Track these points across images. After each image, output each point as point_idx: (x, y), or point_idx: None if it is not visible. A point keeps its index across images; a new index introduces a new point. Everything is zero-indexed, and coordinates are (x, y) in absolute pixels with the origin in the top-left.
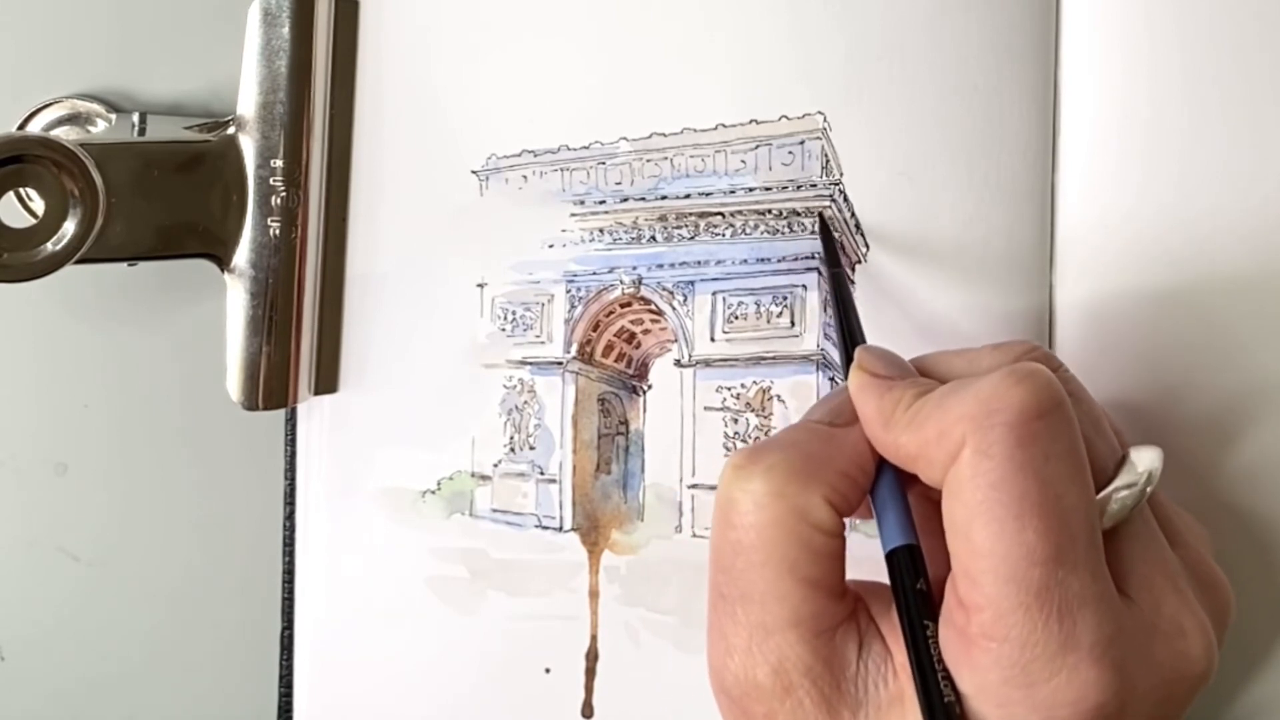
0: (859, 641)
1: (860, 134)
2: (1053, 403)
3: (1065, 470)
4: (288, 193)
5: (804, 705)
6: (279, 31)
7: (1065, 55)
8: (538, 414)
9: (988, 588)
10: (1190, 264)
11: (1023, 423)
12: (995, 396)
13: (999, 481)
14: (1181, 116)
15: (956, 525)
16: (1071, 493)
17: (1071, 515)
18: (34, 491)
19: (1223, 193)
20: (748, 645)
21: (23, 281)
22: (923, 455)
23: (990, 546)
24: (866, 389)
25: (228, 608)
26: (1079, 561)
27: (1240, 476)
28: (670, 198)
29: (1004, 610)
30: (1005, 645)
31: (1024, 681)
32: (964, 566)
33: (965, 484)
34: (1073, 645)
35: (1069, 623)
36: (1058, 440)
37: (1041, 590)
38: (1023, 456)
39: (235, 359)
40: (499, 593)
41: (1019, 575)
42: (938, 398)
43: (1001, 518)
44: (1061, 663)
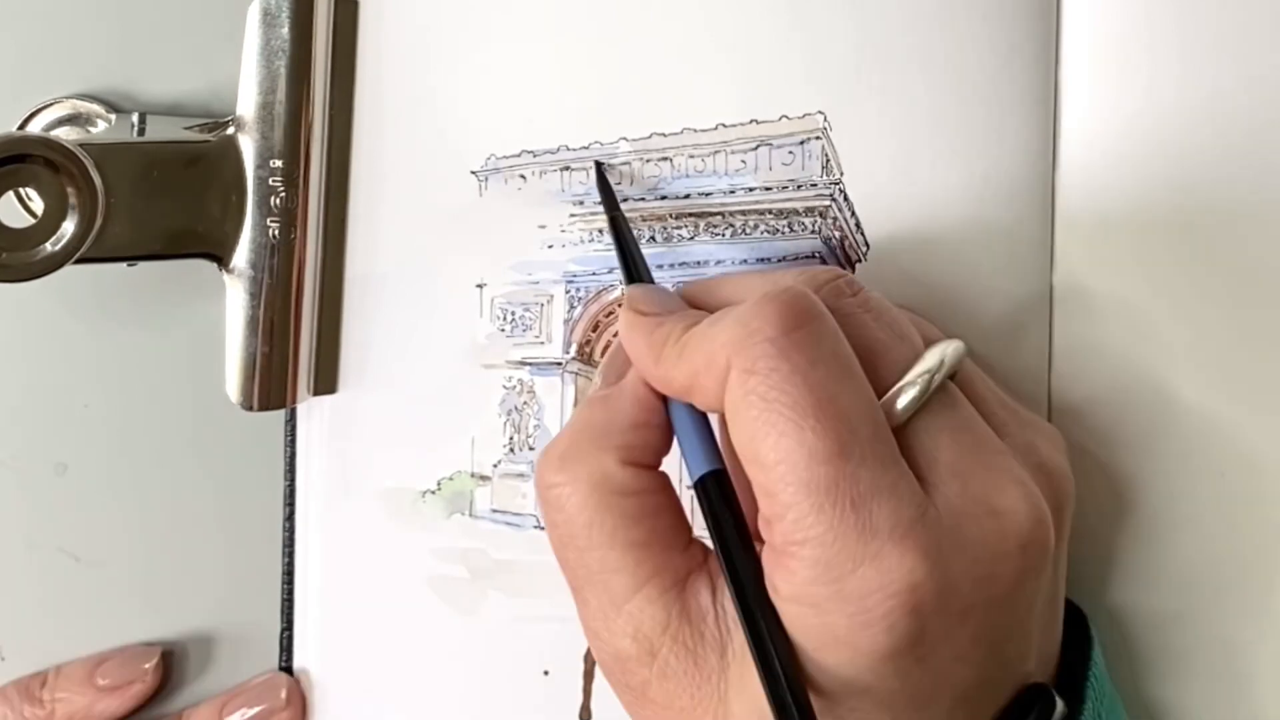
0: (711, 586)
1: (860, 133)
2: (808, 315)
3: (832, 372)
4: (287, 193)
5: (670, 663)
6: (278, 32)
7: (1065, 55)
8: (537, 414)
9: (782, 495)
10: (1191, 263)
11: (781, 335)
12: (753, 317)
13: (768, 393)
14: (1182, 117)
15: (743, 444)
16: (844, 392)
17: (849, 412)
18: (34, 491)
19: (1223, 191)
20: (605, 624)
21: (22, 281)
22: (695, 385)
23: (776, 456)
24: (635, 327)
25: (227, 608)
26: (866, 454)
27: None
28: (670, 197)
29: (801, 513)
30: (807, 546)
31: (831, 577)
32: (760, 484)
33: (739, 404)
34: (871, 533)
35: (864, 513)
36: (819, 346)
37: (831, 486)
38: (787, 366)
39: (234, 359)
40: (499, 593)
41: (806, 476)
42: (703, 328)
43: (779, 426)
44: (863, 552)
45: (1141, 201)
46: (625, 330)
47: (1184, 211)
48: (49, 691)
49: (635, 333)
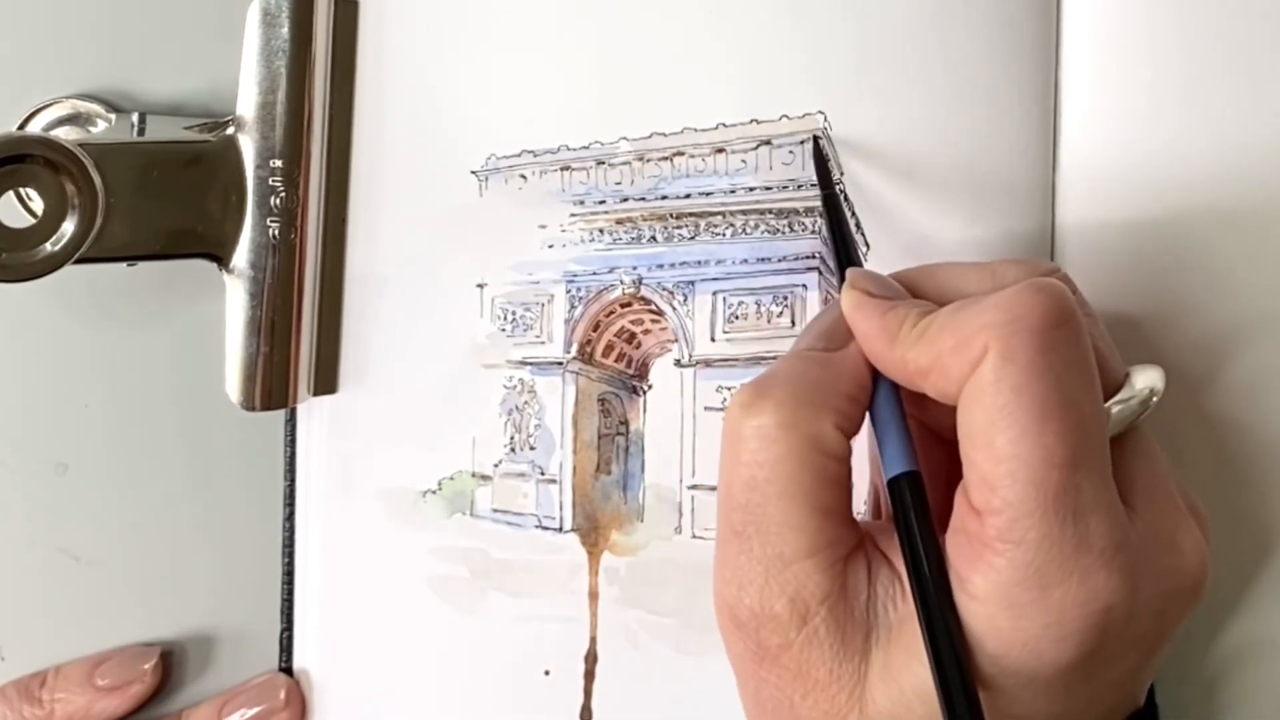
0: (868, 567)
1: (861, 133)
2: (1070, 313)
3: (1081, 379)
4: (287, 193)
5: (819, 633)
6: (278, 32)
7: (1065, 55)
8: (538, 414)
9: (1006, 491)
10: (1191, 263)
11: (1045, 330)
12: (1018, 304)
13: (1021, 386)
14: (1182, 117)
15: (976, 431)
16: (1086, 401)
17: (1087, 422)
18: (34, 491)
19: (1228, 191)
20: (764, 578)
21: (22, 281)
22: (936, 367)
23: (1011, 450)
24: (864, 308)
25: (227, 608)
26: (1093, 468)
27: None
28: (670, 197)
29: (1022, 513)
30: (1020, 548)
31: (1037, 583)
32: (981, 473)
33: (987, 390)
34: (1085, 548)
35: (1082, 526)
36: (1075, 349)
37: (1059, 493)
38: (1044, 362)
39: (234, 359)
40: (500, 593)
41: (1038, 478)
42: (949, 312)
43: (1023, 421)
44: (1074, 565)
45: (1141, 202)
46: (852, 309)
47: (1184, 212)
48: (48, 691)
49: (865, 313)
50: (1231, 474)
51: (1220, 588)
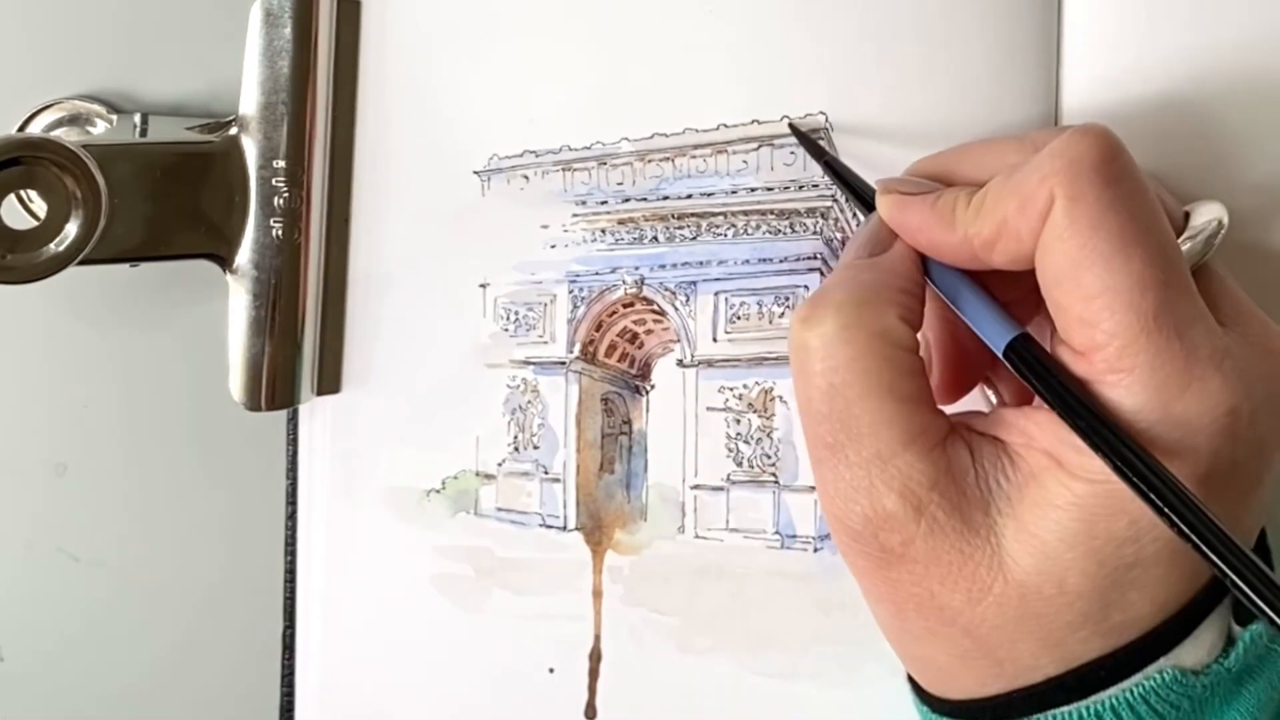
0: (969, 448)
1: (862, 134)
2: (1119, 146)
3: (1150, 206)
4: (290, 193)
5: (938, 519)
6: (281, 32)
7: (1066, 56)
8: (541, 413)
9: (1107, 323)
10: None
11: (1105, 164)
12: (1072, 148)
13: (1097, 220)
14: (1183, 117)
15: (1062, 276)
16: (1158, 225)
17: (1167, 246)
18: (34, 491)
19: (1228, 192)
20: (869, 480)
21: (26, 283)
22: (1004, 233)
23: (1104, 283)
24: (909, 205)
25: (229, 606)
26: (1183, 285)
27: None
28: (672, 198)
29: (1129, 339)
30: (1135, 372)
31: (1160, 401)
32: (1079, 314)
33: (1065, 233)
34: (1195, 359)
35: (1188, 339)
36: (1134, 178)
37: (1159, 313)
38: (1112, 194)
39: (238, 360)
40: (504, 591)
41: (1135, 303)
42: (1001, 179)
43: (1108, 254)
44: (1189, 376)
45: None
46: (896, 211)
47: None
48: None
49: (912, 209)
50: None
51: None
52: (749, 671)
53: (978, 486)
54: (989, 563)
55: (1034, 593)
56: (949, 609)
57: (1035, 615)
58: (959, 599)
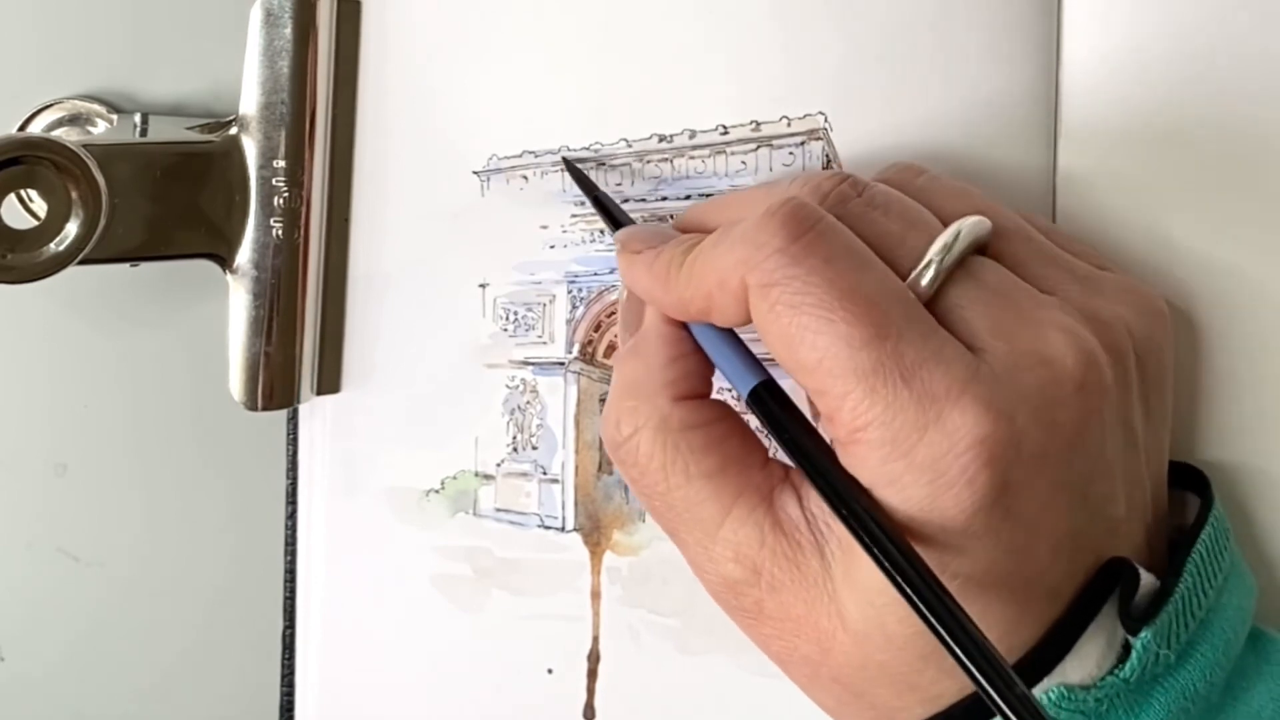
0: (796, 495)
1: (862, 134)
2: (811, 218)
3: (850, 264)
4: (290, 193)
5: (775, 576)
6: (281, 32)
7: (1066, 56)
8: (540, 414)
9: (833, 388)
10: (1194, 262)
11: (790, 244)
12: (758, 232)
13: (792, 299)
14: (1183, 117)
15: (784, 359)
16: (866, 280)
17: (875, 296)
18: (34, 491)
19: (1228, 191)
20: (707, 554)
21: (26, 283)
22: (713, 305)
23: (816, 355)
24: (635, 264)
25: (229, 606)
26: (903, 331)
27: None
28: (670, 199)
29: (856, 398)
30: (871, 429)
31: (901, 451)
32: (811, 388)
33: (767, 318)
34: (929, 399)
35: (917, 383)
36: (830, 244)
37: (877, 366)
38: (802, 269)
39: (238, 359)
40: (503, 592)
41: (851, 365)
42: (708, 247)
43: (811, 326)
44: (925, 419)
45: (1142, 204)
46: (625, 270)
47: (1186, 208)
48: None
49: (636, 269)
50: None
51: None
52: (748, 672)
53: (810, 533)
54: (828, 612)
55: (866, 639)
56: (811, 659)
57: (877, 663)
58: (814, 650)
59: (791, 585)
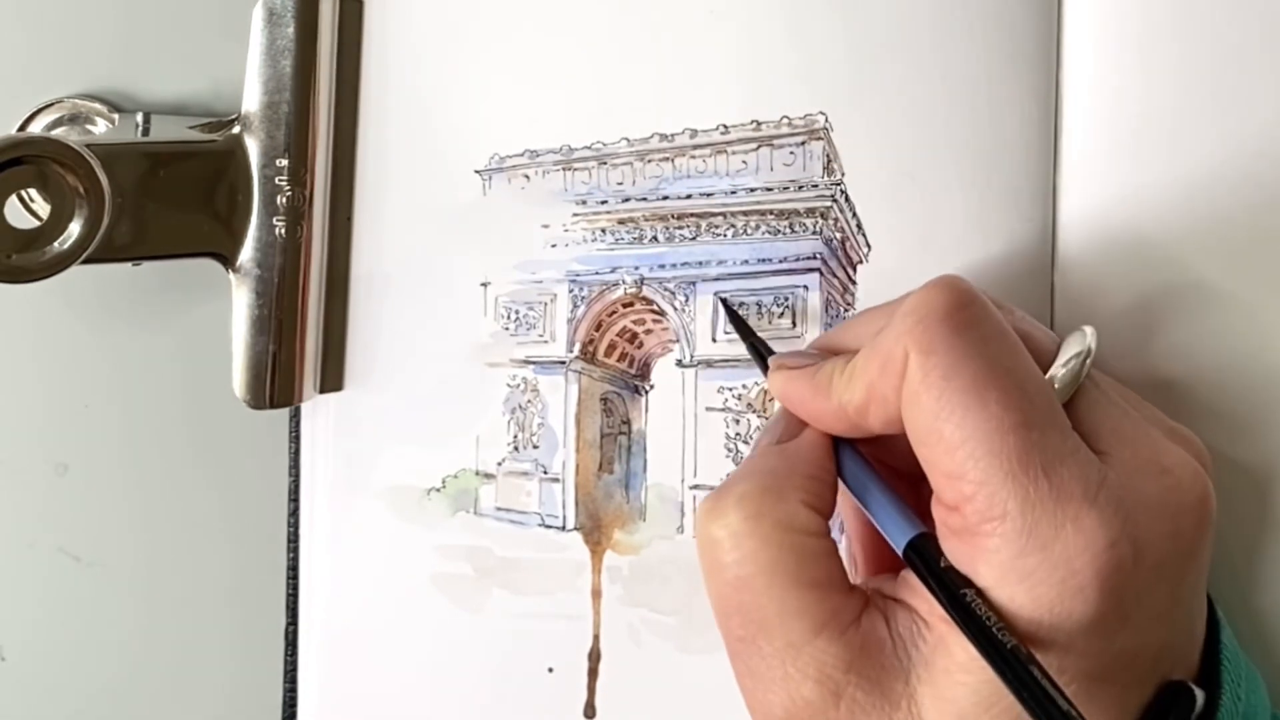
0: (884, 618)
1: (862, 134)
2: (971, 294)
3: (1004, 347)
4: (293, 192)
5: (857, 699)
6: (283, 31)
7: (1067, 55)
8: (541, 413)
9: (972, 473)
10: (1193, 262)
11: (953, 314)
12: (921, 305)
13: (948, 370)
14: (1182, 117)
15: (924, 432)
16: (1018, 366)
17: (1027, 384)
18: (34, 491)
19: (1225, 193)
20: (784, 670)
21: (29, 282)
22: (872, 396)
23: (962, 434)
24: (793, 379)
25: (232, 603)
26: (1047, 422)
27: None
28: (672, 198)
29: (994, 486)
30: (1007, 520)
31: (1036, 546)
32: (944, 470)
33: (919, 389)
34: (1067, 496)
35: (1057, 478)
36: (988, 323)
37: (1021, 454)
38: (963, 342)
39: (241, 358)
40: (504, 591)
41: (996, 448)
42: (867, 346)
43: (963, 403)
44: (1063, 515)
45: (1143, 203)
46: (783, 387)
47: (1186, 211)
48: None
49: (795, 384)
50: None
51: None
52: None
53: (895, 655)
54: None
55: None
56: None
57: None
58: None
59: (873, 709)
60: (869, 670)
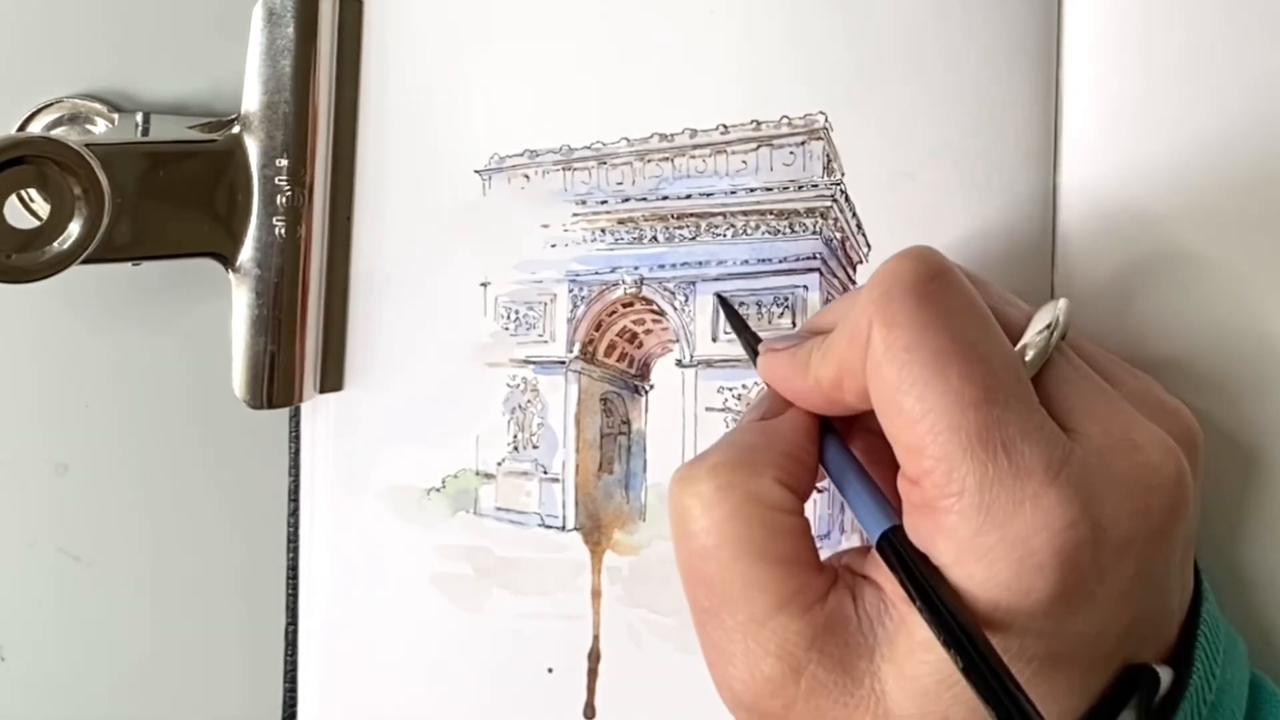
0: (851, 595)
1: (862, 134)
2: (940, 266)
3: (970, 320)
4: (293, 192)
5: (818, 677)
6: (283, 31)
7: (1067, 55)
8: (541, 413)
9: (931, 447)
10: (1193, 263)
11: (918, 285)
12: (887, 275)
13: (911, 343)
14: (1183, 115)
15: (886, 403)
16: (983, 339)
17: (991, 359)
18: (34, 491)
19: (1225, 190)
20: (745, 644)
21: (28, 282)
22: (843, 370)
23: (921, 407)
24: (776, 358)
25: (232, 604)
26: (1010, 399)
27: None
28: (671, 198)
29: (953, 462)
30: (964, 496)
31: (993, 524)
32: (904, 441)
33: (882, 360)
34: (1026, 474)
35: (1017, 455)
36: (955, 295)
37: (981, 430)
38: (926, 314)
39: (240, 358)
40: (503, 591)
41: (955, 422)
42: (841, 323)
43: (924, 376)
44: (1021, 493)
45: (1143, 200)
46: (766, 366)
47: (1186, 210)
48: None
49: (776, 363)
50: (1237, 467)
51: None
52: None
53: (861, 633)
54: (874, 711)
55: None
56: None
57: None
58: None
59: (834, 687)
60: (832, 648)
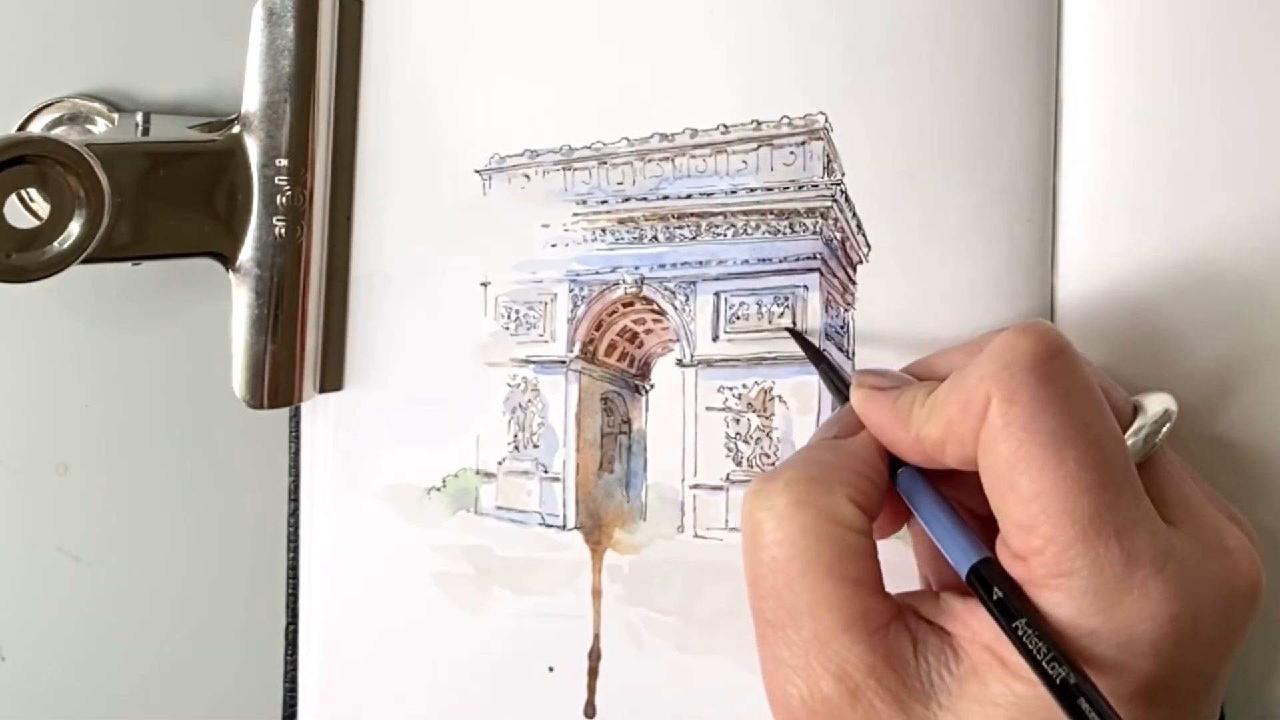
0: (911, 638)
1: (862, 134)
2: (1060, 344)
3: (1086, 402)
4: (293, 191)
5: (875, 706)
6: (283, 31)
7: (1067, 55)
8: (541, 412)
9: (1043, 527)
10: (1193, 262)
11: (1040, 364)
12: (1008, 350)
13: (1029, 422)
14: (1182, 115)
15: (999, 479)
16: (1098, 422)
17: (1105, 444)
18: (34, 491)
19: (1224, 190)
20: (806, 661)
21: (29, 282)
22: (950, 434)
23: (1037, 487)
24: (874, 399)
25: (232, 603)
26: (1122, 485)
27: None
28: (672, 198)
29: (1065, 544)
30: (1074, 578)
31: (1099, 608)
32: (1015, 519)
33: (999, 436)
34: (1136, 562)
35: (1127, 542)
36: (1074, 376)
37: (1095, 516)
38: (1046, 394)
39: (240, 357)
40: (504, 590)
41: (1070, 507)
42: (950, 381)
43: (1040, 457)
44: (1130, 580)
45: (1143, 201)
46: (862, 404)
47: (1185, 210)
48: None
49: (876, 404)
50: (1247, 491)
51: None
52: (748, 671)
53: (919, 679)
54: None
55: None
56: None
57: None
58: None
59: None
60: (890, 682)
